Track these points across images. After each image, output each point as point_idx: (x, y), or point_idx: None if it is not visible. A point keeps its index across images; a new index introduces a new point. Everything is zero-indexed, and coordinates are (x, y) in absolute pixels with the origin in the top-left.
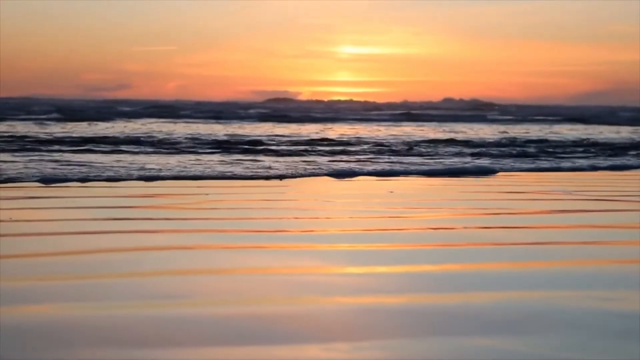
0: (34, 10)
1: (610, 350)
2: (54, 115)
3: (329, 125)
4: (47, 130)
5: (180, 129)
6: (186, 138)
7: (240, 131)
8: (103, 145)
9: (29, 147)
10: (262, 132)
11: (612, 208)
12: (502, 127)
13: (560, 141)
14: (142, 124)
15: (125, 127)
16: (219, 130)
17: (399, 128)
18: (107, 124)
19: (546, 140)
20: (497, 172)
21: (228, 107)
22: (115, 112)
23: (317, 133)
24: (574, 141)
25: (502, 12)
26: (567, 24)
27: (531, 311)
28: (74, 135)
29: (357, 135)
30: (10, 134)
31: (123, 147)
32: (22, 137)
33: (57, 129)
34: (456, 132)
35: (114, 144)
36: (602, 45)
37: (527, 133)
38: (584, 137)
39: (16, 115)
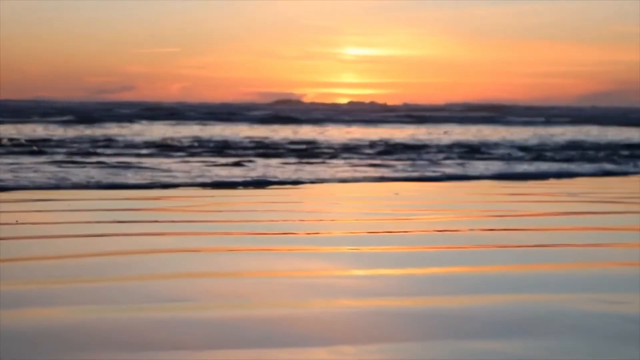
0: (36, 12)
1: (615, 354)
2: (67, 117)
3: (379, 128)
4: (75, 134)
5: (252, 133)
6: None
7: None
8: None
9: (66, 151)
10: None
11: (617, 210)
12: (556, 129)
13: None
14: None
15: (175, 130)
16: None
17: (444, 130)
18: (141, 126)
19: None
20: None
21: (238, 109)
22: (130, 115)
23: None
24: None
25: (505, 14)
26: (570, 24)
27: (537, 314)
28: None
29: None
30: (37, 138)
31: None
32: (55, 141)
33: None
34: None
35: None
36: (605, 45)
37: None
38: None
39: (29, 118)
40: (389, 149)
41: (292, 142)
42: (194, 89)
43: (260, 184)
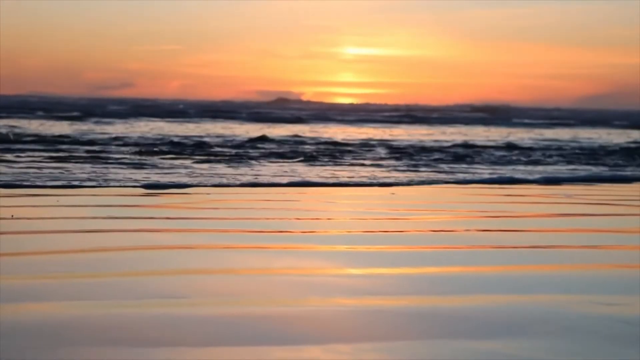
0: (37, 8)
1: (611, 355)
2: (75, 114)
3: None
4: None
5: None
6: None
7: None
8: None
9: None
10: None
11: (614, 212)
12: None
13: None
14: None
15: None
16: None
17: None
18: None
19: None
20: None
21: (238, 107)
22: (126, 112)
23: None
24: None
25: (505, 15)
26: (570, 27)
27: (533, 315)
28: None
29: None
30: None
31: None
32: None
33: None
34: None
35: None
36: (605, 48)
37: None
38: None
39: (33, 113)
40: (411, 151)
41: (303, 142)
42: (194, 86)
43: (301, 185)
